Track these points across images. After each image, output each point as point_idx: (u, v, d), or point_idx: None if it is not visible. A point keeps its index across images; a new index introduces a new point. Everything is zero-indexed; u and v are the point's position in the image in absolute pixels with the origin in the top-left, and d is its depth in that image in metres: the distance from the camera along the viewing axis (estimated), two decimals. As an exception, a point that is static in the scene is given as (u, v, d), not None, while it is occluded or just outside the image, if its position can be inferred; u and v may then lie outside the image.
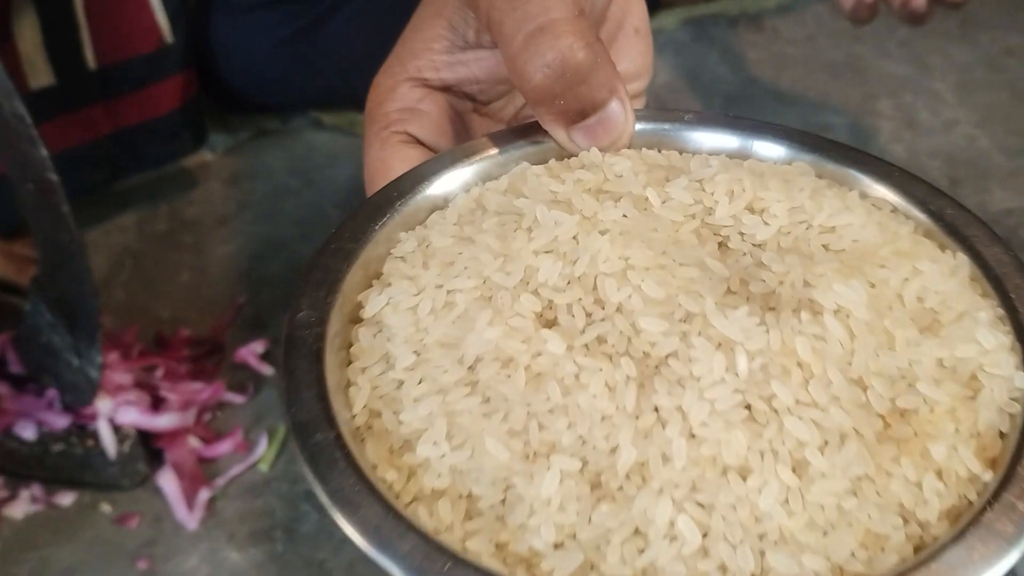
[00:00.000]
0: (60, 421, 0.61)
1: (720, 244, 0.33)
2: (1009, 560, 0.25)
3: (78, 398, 0.60)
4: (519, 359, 0.29)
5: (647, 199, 0.33)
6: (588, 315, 0.30)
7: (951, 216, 0.34)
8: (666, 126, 0.38)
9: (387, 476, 0.29)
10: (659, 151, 0.38)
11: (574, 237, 0.32)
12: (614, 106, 0.36)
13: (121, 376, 0.63)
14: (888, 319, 0.29)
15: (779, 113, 0.90)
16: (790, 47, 1.01)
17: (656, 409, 0.28)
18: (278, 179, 0.86)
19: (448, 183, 0.37)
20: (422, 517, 0.28)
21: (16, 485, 0.61)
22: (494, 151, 0.37)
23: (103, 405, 0.61)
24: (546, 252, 0.31)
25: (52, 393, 0.62)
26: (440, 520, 0.28)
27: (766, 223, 0.33)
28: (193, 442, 0.63)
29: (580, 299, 0.30)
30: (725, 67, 0.97)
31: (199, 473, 0.62)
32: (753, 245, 0.32)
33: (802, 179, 0.35)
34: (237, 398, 0.66)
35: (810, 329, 0.29)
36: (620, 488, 0.27)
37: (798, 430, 0.27)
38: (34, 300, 0.59)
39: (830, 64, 0.97)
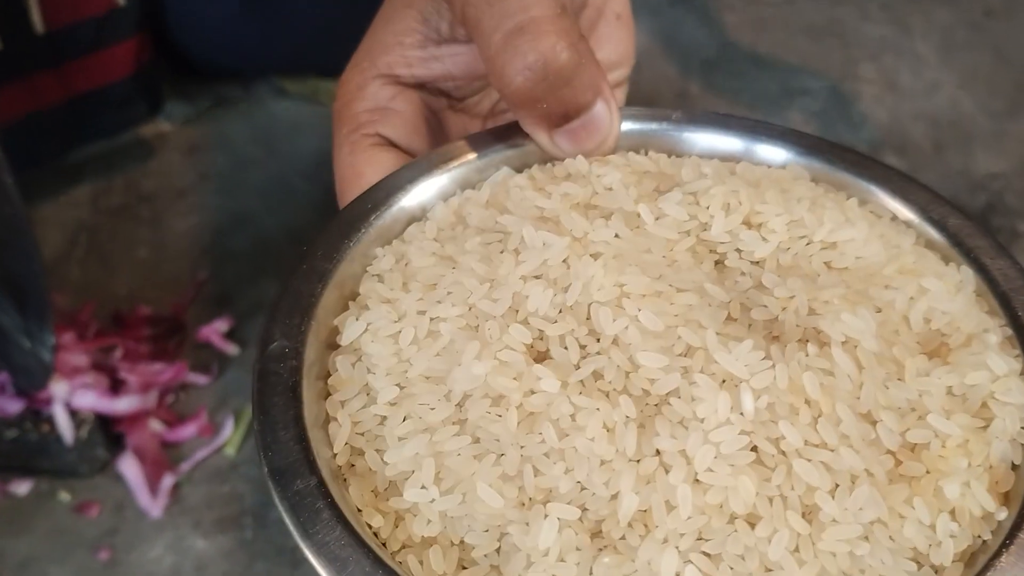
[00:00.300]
0: (13, 406, 0.58)
1: (717, 263, 0.31)
2: None
3: (31, 382, 0.57)
4: (511, 397, 0.27)
5: (639, 216, 0.32)
6: (582, 348, 0.28)
7: (954, 226, 0.33)
8: (653, 126, 0.37)
9: (373, 522, 0.27)
10: (646, 152, 0.36)
11: (564, 261, 0.30)
12: (599, 108, 0.34)
13: (77, 358, 0.60)
14: (896, 347, 0.28)
15: (758, 78, 0.88)
16: (769, 9, 0.98)
17: (658, 452, 0.26)
18: (240, 149, 0.82)
19: (425, 191, 0.34)
20: (412, 568, 0.26)
21: (-33, 474, 0.58)
22: (472, 155, 0.35)
23: (58, 389, 0.58)
24: (535, 277, 0.29)
25: (3, 377, 0.59)
26: (431, 571, 0.26)
27: (764, 239, 0.31)
28: (155, 426, 0.60)
29: (573, 330, 0.28)
30: (703, 31, 0.94)
31: (162, 458, 0.59)
32: (752, 263, 0.31)
33: (799, 187, 0.33)
34: (201, 379, 0.63)
35: (817, 363, 0.27)
36: (622, 538, 0.25)
37: (808, 474, 0.25)
38: (-22, 278, 0.55)
39: (810, 27, 0.95)
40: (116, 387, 0.61)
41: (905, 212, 0.34)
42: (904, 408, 0.27)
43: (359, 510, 0.27)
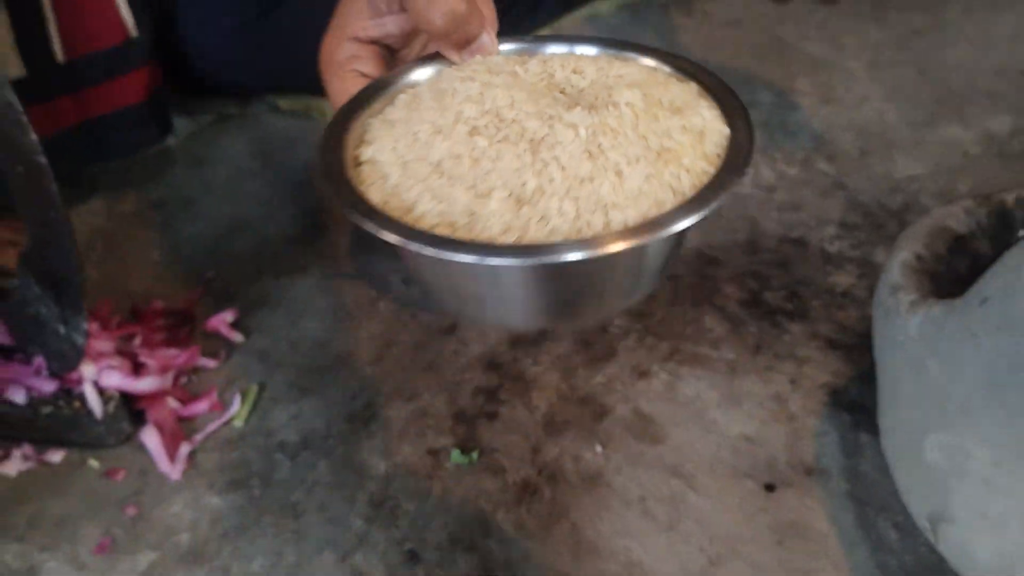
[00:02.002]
0: (48, 386, 0.67)
1: (560, 91, 0.53)
2: (714, 205, 0.45)
3: (65, 364, 0.66)
4: (464, 154, 0.47)
5: (516, 72, 0.53)
6: (497, 127, 0.48)
7: (693, 71, 0.55)
8: (524, 44, 0.58)
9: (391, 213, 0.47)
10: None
11: (480, 93, 0.50)
12: (485, 37, 0.54)
13: (102, 344, 0.69)
14: (654, 108, 0.50)
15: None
16: (719, 30, 1.08)
17: (544, 161, 0.47)
18: (239, 162, 0.91)
19: (393, 89, 0.55)
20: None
21: (9, 446, 0.67)
22: (418, 68, 0.56)
23: (88, 370, 0.66)
24: (466, 102, 0.50)
25: (39, 361, 0.67)
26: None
27: (583, 78, 0.53)
28: (172, 403, 0.68)
29: (490, 121, 0.49)
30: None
31: (179, 430, 0.67)
32: (578, 89, 0.53)
33: (604, 59, 0.55)
34: (210, 363, 0.72)
35: (614, 113, 0.49)
36: (530, 200, 0.45)
37: (616, 158, 0.47)
38: (23, 275, 0.64)
39: (756, 46, 1.04)
40: (137, 370, 0.69)
41: (671, 71, 0.56)
42: (661, 133, 0.48)
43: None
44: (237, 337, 0.74)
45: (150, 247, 0.82)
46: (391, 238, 0.44)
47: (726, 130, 0.50)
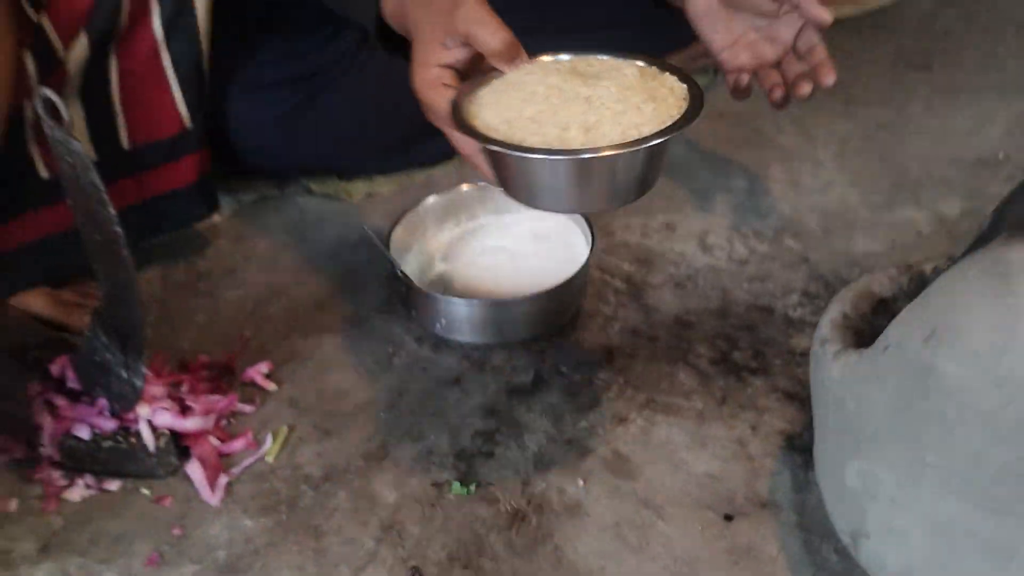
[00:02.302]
0: (109, 424, 0.78)
1: (584, 75, 0.72)
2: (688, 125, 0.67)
3: (124, 405, 0.77)
4: (546, 109, 0.68)
5: (555, 68, 0.73)
6: (560, 94, 0.69)
7: (664, 63, 0.74)
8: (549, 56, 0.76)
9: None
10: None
11: (541, 79, 0.71)
12: (524, 53, 0.72)
13: (155, 389, 0.80)
14: (646, 78, 0.71)
15: (692, 178, 1.09)
16: (703, 122, 1.19)
17: (595, 107, 0.68)
18: (276, 236, 1.04)
19: (476, 91, 0.73)
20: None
21: (73, 476, 0.78)
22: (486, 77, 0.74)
23: (143, 411, 0.78)
24: (535, 84, 0.70)
25: (102, 402, 0.78)
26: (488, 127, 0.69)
27: (596, 68, 0.74)
28: (213, 441, 0.79)
29: (554, 92, 0.69)
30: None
31: (219, 464, 0.78)
32: (596, 73, 0.73)
33: (606, 58, 0.76)
34: (247, 408, 0.83)
35: (624, 80, 0.71)
36: (592, 128, 0.66)
37: (635, 100, 0.68)
38: (93, 327, 0.76)
39: (735, 137, 1.16)
40: (184, 412, 0.80)
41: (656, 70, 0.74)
42: (653, 90, 0.70)
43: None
44: (270, 386, 0.85)
45: (197, 310, 0.94)
46: (513, 151, 0.66)
47: (686, 90, 0.72)
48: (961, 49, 1.31)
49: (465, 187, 0.97)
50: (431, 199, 0.96)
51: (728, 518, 0.73)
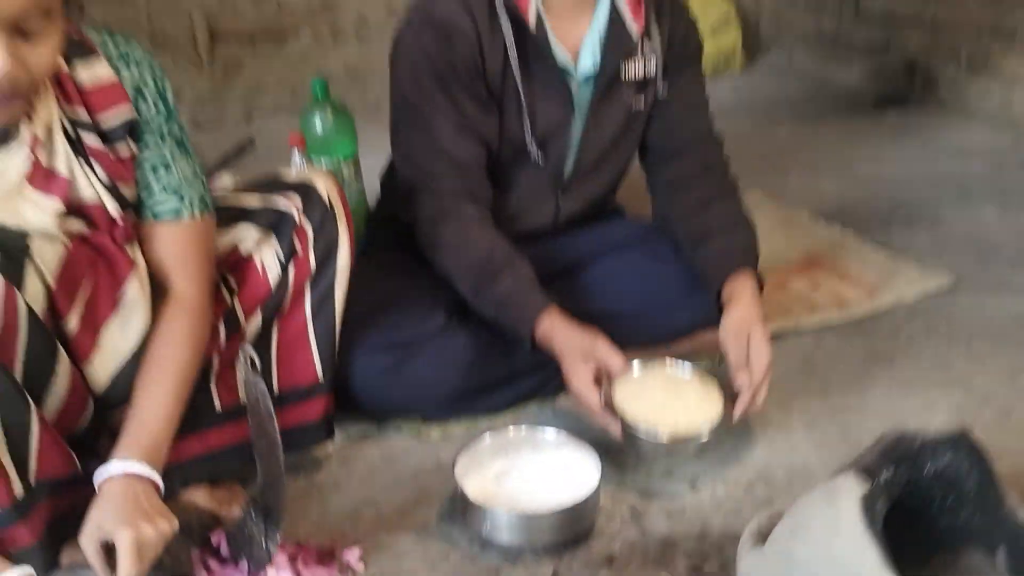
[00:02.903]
0: (247, 579, 1.11)
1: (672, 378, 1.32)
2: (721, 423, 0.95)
3: (259, 565, 1.10)
4: (659, 400, 1.31)
5: (651, 372, 1.34)
6: (664, 389, 1.33)
7: (712, 375, 1.33)
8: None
9: None
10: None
11: (644, 379, 1.33)
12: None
13: (280, 559, 1.13)
14: (704, 382, 1.34)
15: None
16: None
17: (679, 399, 1.35)
18: (372, 462, 1.39)
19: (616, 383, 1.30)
20: None
21: (217, 616, 1.09)
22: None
23: (271, 571, 1.10)
24: (647, 384, 1.32)
25: (243, 564, 1.11)
26: None
27: (683, 375, 1.36)
28: (318, 599, 1.11)
29: (661, 386, 1.33)
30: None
31: (321, 615, 1.09)
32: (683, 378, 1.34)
33: (690, 372, 1.34)
34: (342, 579, 1.15)
35: (701, 387, 1.33)
36: (675, 411, 1.31)
37: (694, 399, 1.36)
38: (248, 507, 1.10)
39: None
40: (298, 576, 1.13)
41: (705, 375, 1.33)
42: (704, 392, 1.35)
43: None
44: (360, 567, 1.17)
45: (310, 510, 1.28)
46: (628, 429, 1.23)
47: (720, 402, 1.26)
48: (921, 351, 1.64)
49: (511, 430, 1.32)
50: (487, 438, 1.31)
51: None
